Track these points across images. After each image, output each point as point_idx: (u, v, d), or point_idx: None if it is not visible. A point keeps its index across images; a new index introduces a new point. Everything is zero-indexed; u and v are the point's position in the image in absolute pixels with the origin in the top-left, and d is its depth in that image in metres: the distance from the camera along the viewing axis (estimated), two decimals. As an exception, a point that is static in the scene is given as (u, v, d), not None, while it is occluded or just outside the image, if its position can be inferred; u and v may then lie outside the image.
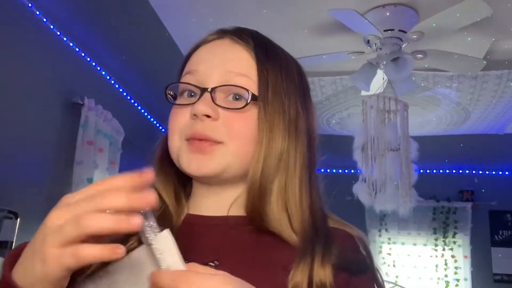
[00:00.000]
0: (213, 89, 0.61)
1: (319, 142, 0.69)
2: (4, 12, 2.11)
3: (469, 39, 2.75)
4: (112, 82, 3.09)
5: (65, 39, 2.56)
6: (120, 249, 0.43)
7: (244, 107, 0.61)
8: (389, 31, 2.56)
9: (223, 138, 0.61)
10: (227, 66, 0.63)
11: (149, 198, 0.45)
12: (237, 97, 0.62)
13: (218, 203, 0.65)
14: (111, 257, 0.44)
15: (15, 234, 2.08)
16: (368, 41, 2.61)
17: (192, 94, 0.64)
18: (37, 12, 2.33)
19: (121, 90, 3.20)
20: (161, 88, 0.70)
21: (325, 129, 4.30)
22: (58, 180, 2.48)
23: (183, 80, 0.65)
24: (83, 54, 2.74)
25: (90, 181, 2.59)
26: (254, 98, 0.62)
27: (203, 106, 0.60)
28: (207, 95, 0.61)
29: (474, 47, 2.81)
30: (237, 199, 0.65)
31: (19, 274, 0.46)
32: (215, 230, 0.63)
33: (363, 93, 3.08)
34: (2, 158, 2.10)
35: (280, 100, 0.63)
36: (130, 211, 0.44)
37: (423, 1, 2.46)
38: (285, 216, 0.61)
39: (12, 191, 2.13)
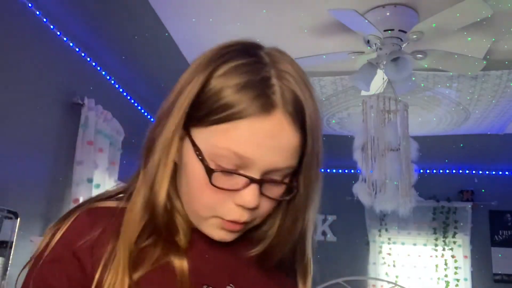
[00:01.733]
0: (261, 180, 0.58)
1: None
2: (4, 12, 2.11)
3: (469, 39, 2.75)
4: (112, 82, 3.09)
5: (65, 39, 2.56)
6: None
7: (289, 198, 0.61)
8: (389, 31, 2.56)
9: (256, 221, 0.62)
10: (278, 161, 0.58)
11: None
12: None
13: None
14: None
15: (15, 234, 2.08)
16: (368, 41, 2.61)
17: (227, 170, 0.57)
18: (37, 12, 2.33)
19: (121, 90, 3.20)
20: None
21: (325, 129, 4.28)
22: (58, 180, 2.48)
23: (223, 154, 0.56)
24: (83, 54, 2.74)
25: (90, 181, 2.59)
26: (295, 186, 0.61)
27: (255, 199, 0.57)
28: (255, 186, 0.57)
29: (474, 47, 2.81)
30: None
31: None
32: (225, 250, 0.63)
33: (363, 93, 3.08)
34: (2, 158, 2.10)
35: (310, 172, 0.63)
36: None
37: (423, 1, 2.46)
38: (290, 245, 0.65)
39: (12, 191, 2.12)
